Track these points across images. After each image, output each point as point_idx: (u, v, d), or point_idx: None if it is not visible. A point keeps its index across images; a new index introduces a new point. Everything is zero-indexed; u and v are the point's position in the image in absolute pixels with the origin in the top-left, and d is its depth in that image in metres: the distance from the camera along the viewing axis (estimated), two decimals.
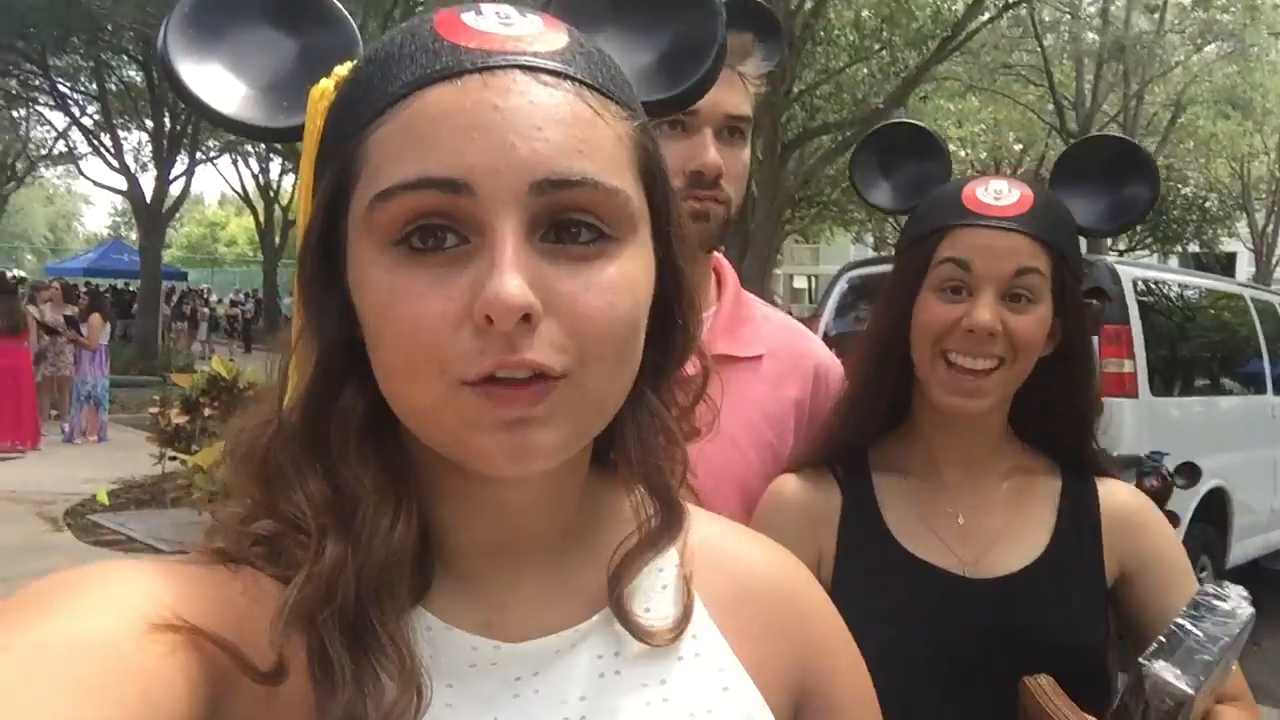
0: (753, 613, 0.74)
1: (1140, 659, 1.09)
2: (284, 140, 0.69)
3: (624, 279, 0.58)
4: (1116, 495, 1.36)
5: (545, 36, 0.60)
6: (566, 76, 0.58)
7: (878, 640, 1.22)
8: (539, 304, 0.54)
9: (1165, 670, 1.07)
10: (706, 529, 0.75)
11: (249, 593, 0.59)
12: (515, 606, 0.66)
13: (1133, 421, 5.21)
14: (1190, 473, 4.15)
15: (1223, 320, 6.95)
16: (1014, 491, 1.34)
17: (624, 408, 0.64)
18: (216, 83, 0.67)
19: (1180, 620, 1.13)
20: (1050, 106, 18.54)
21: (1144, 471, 3.92)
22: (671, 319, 0.66)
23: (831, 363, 1.56)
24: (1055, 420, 1.35)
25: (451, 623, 0.64)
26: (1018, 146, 22.26)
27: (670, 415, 0.69)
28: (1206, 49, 20.26)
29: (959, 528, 1.31)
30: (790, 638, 0.74)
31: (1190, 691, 1.06)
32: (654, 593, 0.70)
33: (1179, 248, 28.74)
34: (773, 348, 1.51)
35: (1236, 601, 1.15)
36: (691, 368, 0.71)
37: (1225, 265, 29.29)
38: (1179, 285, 6.53)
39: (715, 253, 1.50)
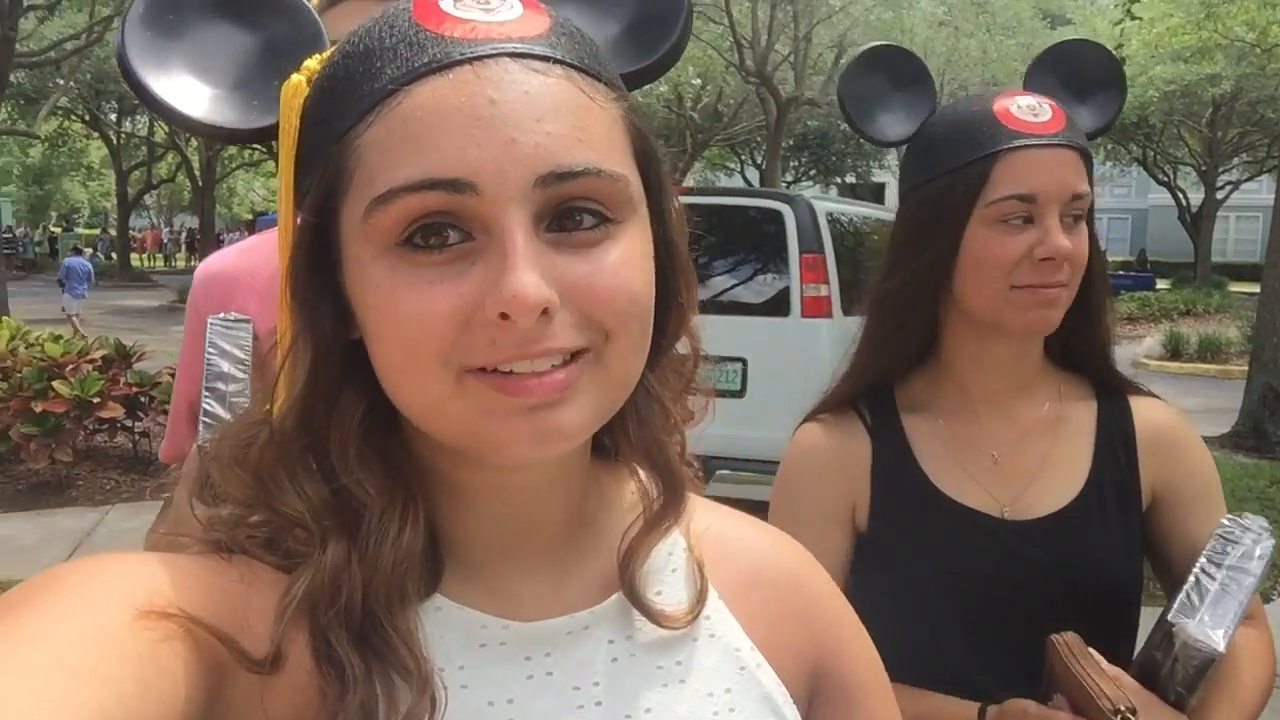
0: (762, 597, 0.74)
1: (1169, 616, 1.08)
2: (259, 140, 0.66)
3: (632, 257, 0.58)
4: (1151, 414, 1.32)
5: (527, 20, 0.58)
6: (555, 60, 0.57)
7: (913, 586, 1.26)
8: (556, 298, 0.54)
9: (1198, 629, 1.06)
10: (708, 517, 0.76)
11: (245, 579, 0.59)
12: (526, 594, 0.66)
13: (829, 339, 5.77)
14: None
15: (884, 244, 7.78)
16: (1052, 420, 1.30)
17: None
18: (183, 86, 0.65)
19: (1206, 566, 1.13)
20: (728, 44, 19.39)
21: None
22: (668, 295, 0.65)
23: None
24: (1079, 339, 1.31)
25: (462, 603, 0.64)
26: (696, 81, 22.96)
27: (665, 394, 0.69)
28: None
29: (994, 467, 1.28)
30: (801, 621, 0.75)
31: (1222, 649, 1.05)
32: (664, 576, 0.70)
33: (838, 179, 31.99)
34: None
35: (1257, 534, 1.16)
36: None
37: (876, 194, 32.92)
38: (853, 215, 7.18)
39: None
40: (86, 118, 29.47)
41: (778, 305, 6.13)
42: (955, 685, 1.19)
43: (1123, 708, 1.00)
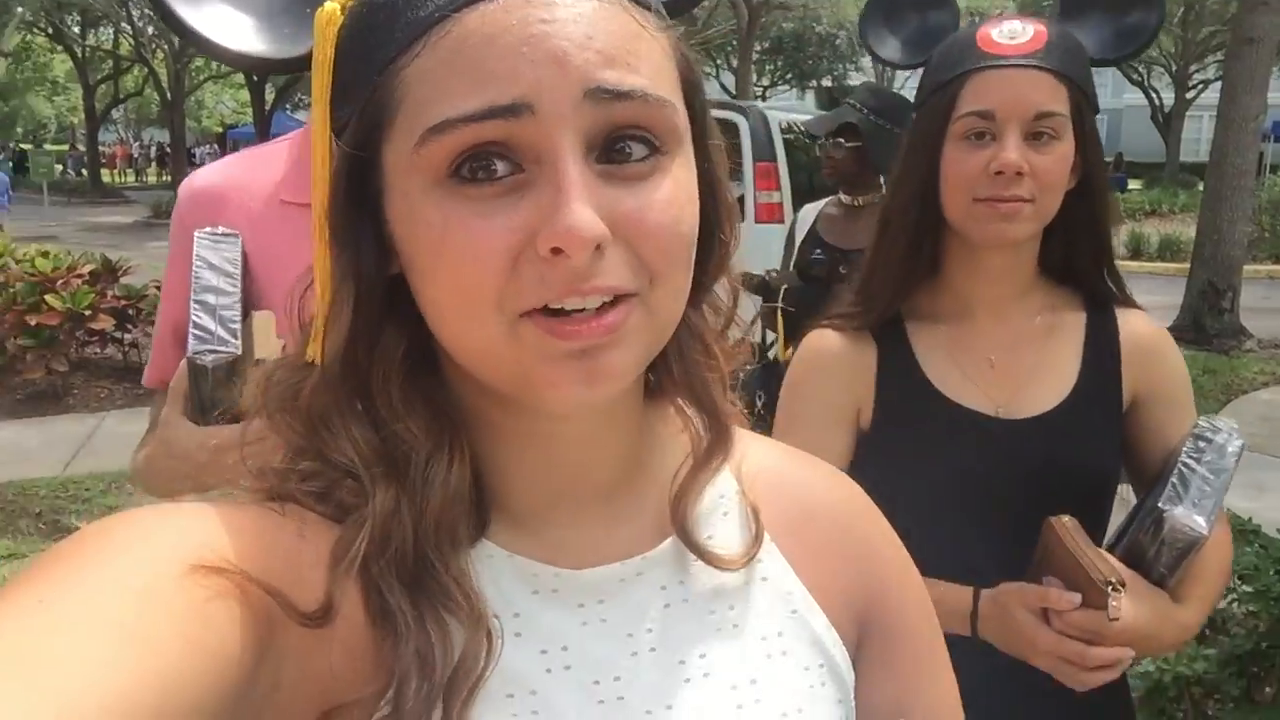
0: (815, 537, 0.73)
1: (1160, 503, 1.19)
2: (290, 70, 0.65)
3: (680, 192, 0.57)
4: (1135, 325, 1.40)
5: None
6: None
7: (914, 481, 1.35)
8: (609, 232, 0.53)
9: (1185, 516, 1.17)
10: (762, 454, 0.74)
11: (297, 531, 0.58)
12: (576, 541, 0.65)
13: (781, 245, 6.18)
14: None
15: None
16: (1044, 329, 1.38)
17: None
18: (215, 14, 0.63)
19: (1187, 460, 1.23)
20: None
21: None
22: (710, 232, 0.63)
23: None
24: (1078, 254, 1.38)
25: (512, 551, 0.63)
26: None
27: (707, 331, 0.67)
28: None
29: (990, 370, 1.36)
30: (852, 561, 0.73)
31: (1206, 534, 1.17)
32: (715, 519, 0.69)
33: (814, 82, 31.75)
34: None
35: (1228, 435, 1.25)
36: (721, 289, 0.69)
37: None
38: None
39: None
40: (50, 31, 29.05)
41: None
42: (956, 573, 1.27)
43: (1114, 579, 1.11)
